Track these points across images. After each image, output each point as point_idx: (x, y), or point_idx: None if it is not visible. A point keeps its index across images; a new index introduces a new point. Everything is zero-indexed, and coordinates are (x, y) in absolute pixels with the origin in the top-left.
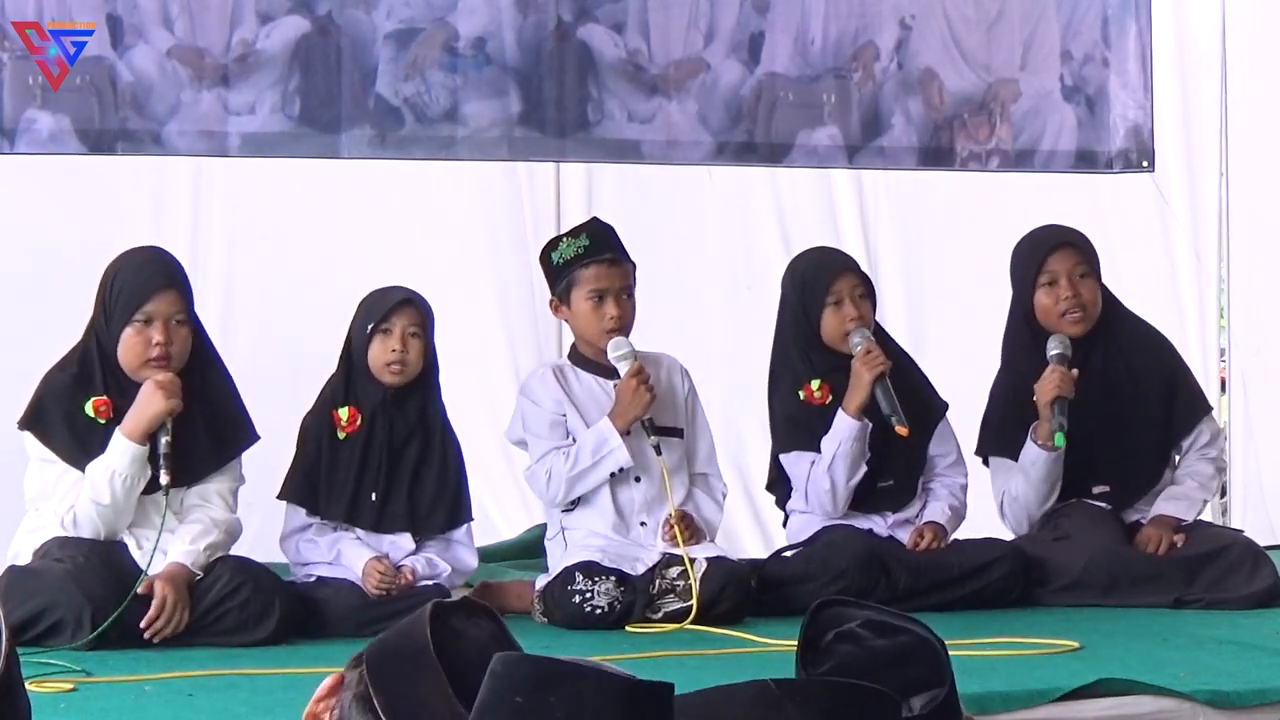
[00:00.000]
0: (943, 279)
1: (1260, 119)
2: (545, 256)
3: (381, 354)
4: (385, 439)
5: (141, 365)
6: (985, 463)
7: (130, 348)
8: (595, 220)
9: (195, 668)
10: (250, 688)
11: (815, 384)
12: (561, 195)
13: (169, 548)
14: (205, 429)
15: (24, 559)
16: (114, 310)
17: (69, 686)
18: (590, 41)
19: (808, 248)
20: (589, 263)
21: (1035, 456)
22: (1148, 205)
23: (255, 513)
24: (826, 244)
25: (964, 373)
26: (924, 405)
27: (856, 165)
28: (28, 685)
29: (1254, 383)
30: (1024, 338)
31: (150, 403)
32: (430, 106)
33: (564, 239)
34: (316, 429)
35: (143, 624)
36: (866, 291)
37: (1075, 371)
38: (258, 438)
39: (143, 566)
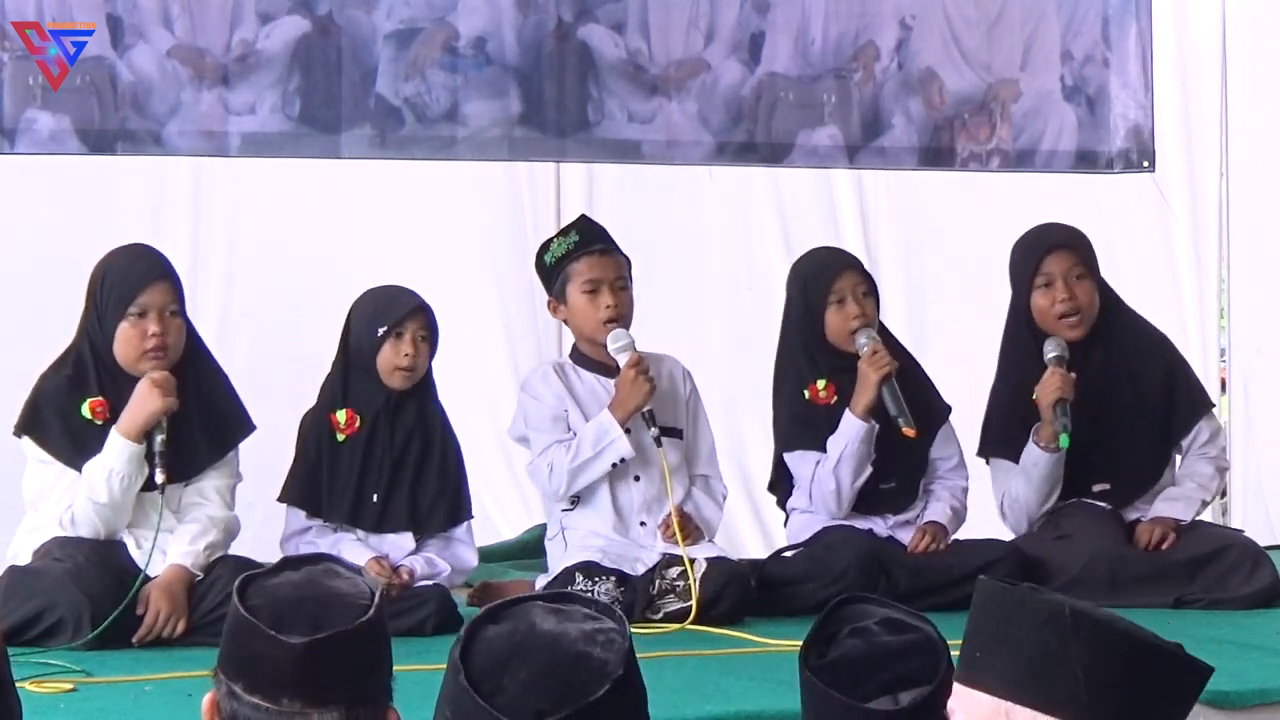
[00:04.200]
0: (943, 279)
1: (1260, 119)
2: (539, 259)
3: (393, 358)
4: (387, 441)
5: (139, 358)
6: (987, 463)
7: (126, 341)
8: (583, 217)
9: (195, 668)
10: None
11: (821, 384)
12: (561, 195)
13: (168, 548)
14: (201, 424)
15: (23, 559)
16: (106, 306)
17: (69, 686)
18: (590, 41)
19: (811, 248)
20: (580, 255)
21: (1037, 458)
22: (1148, 205)
23: (256, 512)
24: (829, 244)
25: (964, 373)
26: (927, 408)
27: (857, 165)
28: (28, 685)
29: (1254, 383)
30: (1022, 339)
31: (146, 401)
32: (430, 106)
33: (554, 240)
34: (316, 431)
35: (135, 639)
36: (869, 289)
37: (1073, 375)
38: (254, 428)
39: (141, 566)
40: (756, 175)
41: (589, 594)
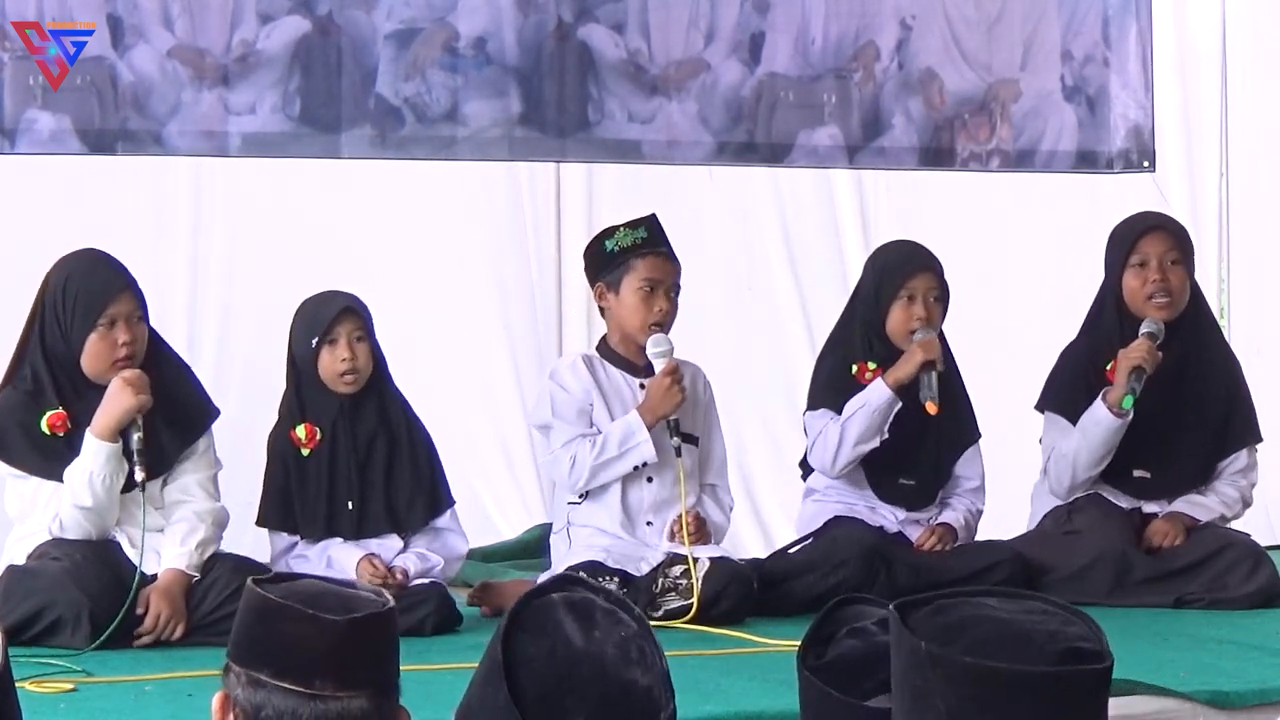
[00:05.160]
0: None
1: (1260, 119)
2: (598, 244)
3: (332, 365)
4: (349, 447)
5: (109, 368)
6: (1042, 414)
7: (98, 353)
8: (653, 215)
9: (195, 668)
10: None
11: (871, 365)
12: (561, 195)
13: (161, 550)
14: (166, 417)
15: (20, 561)
16: (73, 318)
17: (69, 686)
18: (590, 41)
19: (898, 238)
20: (646, 253)
21: (1100, 417)
22: (1148, 205)
23: (254, 513)
24: (911, 239)
25: (964, 373)
26: (961, 423)
27: (857, 165)
28: (28, 685)
29: (1254, 383)
30: (1108, 314)
31: (120, 400)
32: (431, 106)
33: (621, 228)
34: (280, 449)
35: (135, 639)
36: (941, 295)
37: (1160, 354)
38: (218, 413)
39: (136, 564)
40: (756, 175)
41: None
